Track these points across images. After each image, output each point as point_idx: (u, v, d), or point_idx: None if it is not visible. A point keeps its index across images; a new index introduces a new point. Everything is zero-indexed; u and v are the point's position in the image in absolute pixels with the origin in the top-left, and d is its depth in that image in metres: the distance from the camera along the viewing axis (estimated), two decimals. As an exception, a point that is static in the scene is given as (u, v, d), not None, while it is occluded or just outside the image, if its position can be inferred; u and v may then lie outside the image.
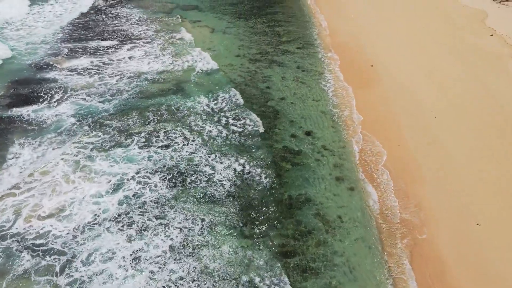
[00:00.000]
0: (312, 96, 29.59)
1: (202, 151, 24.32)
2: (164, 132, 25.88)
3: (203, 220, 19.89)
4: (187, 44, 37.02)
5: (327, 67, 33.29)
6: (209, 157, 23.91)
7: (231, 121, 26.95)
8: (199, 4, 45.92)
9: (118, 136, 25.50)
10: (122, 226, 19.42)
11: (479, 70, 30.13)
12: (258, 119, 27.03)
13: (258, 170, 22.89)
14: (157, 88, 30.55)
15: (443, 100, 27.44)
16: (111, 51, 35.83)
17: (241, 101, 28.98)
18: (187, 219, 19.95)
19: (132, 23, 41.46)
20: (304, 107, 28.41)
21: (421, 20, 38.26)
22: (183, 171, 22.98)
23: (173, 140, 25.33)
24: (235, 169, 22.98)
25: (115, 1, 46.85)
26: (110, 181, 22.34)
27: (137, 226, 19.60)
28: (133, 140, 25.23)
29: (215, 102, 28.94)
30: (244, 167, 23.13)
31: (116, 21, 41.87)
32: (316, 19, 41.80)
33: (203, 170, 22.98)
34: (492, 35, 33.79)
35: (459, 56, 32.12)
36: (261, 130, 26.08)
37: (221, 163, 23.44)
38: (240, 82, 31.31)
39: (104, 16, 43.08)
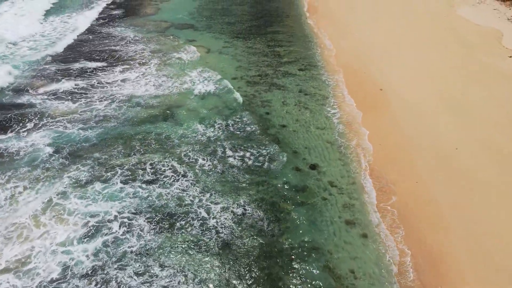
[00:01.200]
0: (316, 123, 26.85)
1: (194, 189, 21.40)
2: (151, 165, 23.02)
3: (193, 278, 16.82)
4: (179, 65, 34.48)
5: (332, 90, 30.65)
6: (203, 196, 20.93)
7: (228, 152, 24.11)
8: (195, 23, 43.62)
9: (98, 169, 22.62)
10: (95, 286, 16.33)
11: (502, 95, 27.49)
12: (257, 150, 24.23)
13: (258, 213, 19.93)
14: (147, 113, 27.83)
15: (463, 129, 24.68)
16: (102, 73, 33.23)
17: (238, 128, 26.23)
18: (175, 276, 16.89)
19: (126, 42, 39.02)
20: (308, 136, 25.64)
21: (431, 40, 35.86)
22: (172, 212, 20.02)
23: (161, 174, 22.44)
24: (232, 212, 19.97)
25: (107, 21, 44.55)
26: (86, 223, 19.37)
27: (114, 285, 16.53)
28: (115, 174, 22.34)
29: (210, 129, 26.16)
30: (242, 209, 20.14)
31: (107, 41, 39.46)
32: (319, 39, 39.45)
33: (196, 212, 20.00)
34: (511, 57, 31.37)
35: (477, 79, 29.53)
36: (261, 163, 23.25)
37: (216, 204, 20.47)
38: (236, 107, 28.58)
39: (95, 36, 40.71)
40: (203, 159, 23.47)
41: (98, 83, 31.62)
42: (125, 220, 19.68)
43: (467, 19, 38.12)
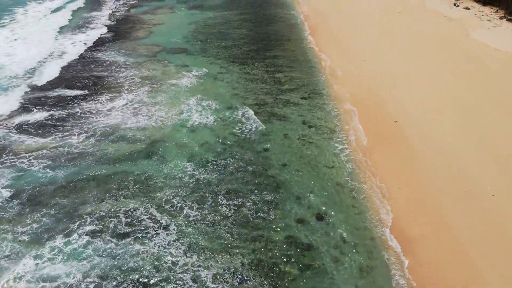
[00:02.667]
0: (323, 161, 23.17)
1: (178, 246, 17.50)
2: (126, 213, 19.21)
3: None
4: (169, 93, 31.06)
5: (340, 122, 27.10)
6: (188, 257, 17.01)
7: (219, 199, 20.30)
8: (188, 47, 40.53)
9: (62, 218, 18.82)
10: None
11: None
12: (254, 196, 20.46)
13: (255, 280, 15.99)
14: (130, 149, 24.20)
15: (499, 171, 20.95)
16: (84, 102, 29.76)
17: (232, 169, 22.54)
18: None
19: (114, 68, 35.78)
20: (314, 177, 21.92)
21: (449, 66, 32.58)
22: (148, 278, 16.10)
23: (137, 225, 18.61)
24: (224, 280, 16.04)
25: (95, 44, 41.46)
26: (38, 294, 15.47)
27: None
28: (82, 224, 18.52)
29: (200, 170, 22.44)
30: (237, 277, 16.20)
31: (93, 66, 36.24)
32: (322, 64, 36.23)
33: (180, 280, 16.05)
34: (538, 85, 28.01)
35: (508, 110, 26.00)
36: (258, 213, 19.43)
37: (205, 268, 16.52)
38: (231, 142, 24.99)
39: (80, 60, 37.52)
40: (190, 207, 19.63)
41: (78, 113, 28.12)
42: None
43: (486, 44, 34.99)
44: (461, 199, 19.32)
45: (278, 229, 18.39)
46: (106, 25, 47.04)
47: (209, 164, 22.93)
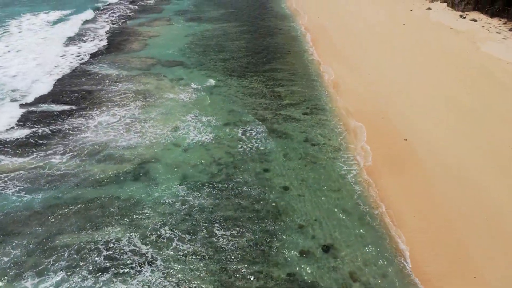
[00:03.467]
0: (328, 184, 21.10)
1: (165, 286, 15.33)
2: (107, 244, 17.07)
3: None
4: (161, 108, 29.15)
5: (345, 140, 25.11)
6: (173, 298, 14.88)
7: (213, 227, 18.18)
8: (184, 60, 38.77)
9: (35, 252, 16.67)
10: None
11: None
12: (252, 225, 18.35)
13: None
14: (117, 170, 22.18)
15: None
16: (71, 118, 27.85)
17: (229, 193, 20.47)
18: None
19: (106, 81, 33.97)
20: (318, 202, 19.83)
21: (459, 79, 30.71)
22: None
23: (118, 259, 16.45)
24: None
25: (88, 57, 39.72)
26: None
27: None
28: (58, 260, 16.37)
29: (193, 194, 20.36)
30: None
31: (84, 79, 34.41)
32: (325, 78, 34.42)
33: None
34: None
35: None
36: (256, 244, 17.30)
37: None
38: (227, 162, 22.97)
39: (70, 73, 35.72)
40: (180, 239, 17.48)
41: (64, 130, 26.17)
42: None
43: (497, 57, 33.21)
44: (485, 229, 17.19)
45: (279, 264, 16.24)
46: (100, 37, 45.41)
47: (204, 187, 20.85)
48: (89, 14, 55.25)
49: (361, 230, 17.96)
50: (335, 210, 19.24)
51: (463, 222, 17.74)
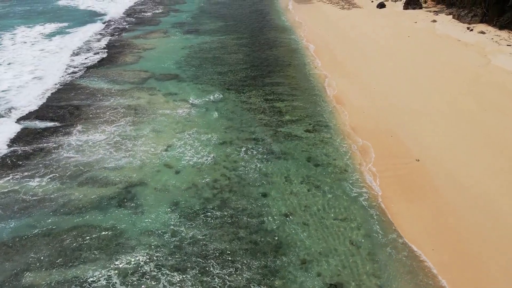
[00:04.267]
0: (334, 210, 18.96)
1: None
2: (80, 286, 14.84)
3: None
4: (152, 124, 27.15)
5: (351, 160, 23.02)
6: None
7: (206, 265, 15.96)
8: (180, 73, 36.91)
9: (-1, 296, 14.49)
10: None
11: None
12: (248, 260, 16.15)
13: None
14: (99, 195, 20.06)
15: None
16: (55, 136, 25.85)
17: (224, 221, 18.30)
18: None
19: (96, 96, 32.04)
20: (323, 232, 17.66)
21: (472, 95, 28.72)
22: None
23: (96, 303, 14.24)
24: None
25: (77, 70, 37.89)
26: None
27: None
28: (23, 304, 14.15)
29: (184, 223, 18.21)
30: None
31: (72, 93, 32.44)
32: (328, 92, 32.50)
33: None
34: None
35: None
36: (256, 284, 15.08)
37: None
38: (222, 186, 20.85)
39: (57, 87, 33.80)
40: (168, 280, 15.27)
41: (46, 149, 24.10)
42: None
43: (510, 71, 31.30)
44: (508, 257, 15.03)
45: (280, 310, 14.04)
46: (93, 50, 43.64)
47: (196, 215, 18.69)
48: (85, 27, 53.65)
49: (372, 268, 15.75)
50: (343, 242, 17.06)
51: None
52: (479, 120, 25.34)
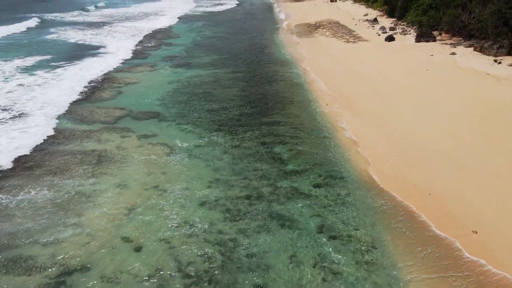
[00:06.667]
0: (365, 321, 12.49)
1: None
2: None
3: None
4: (116, 180, 21.00)
5: (376, 230, 16.68)
6: None
7: None
8: (162, 111, 31.11)
9: None
10: None
11: None
12: None
13: None
14: (32, 284, 13.64)
15: None
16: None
17: None
18: None
19: (55, 139, 26.19)
20: None
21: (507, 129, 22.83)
22: None
23: None
24: None
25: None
26: None
27: None
28: None
29: None
30: None
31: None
32: (339, 135, 26.62)
33: None
34: None
35: None
36: None
37: None
38: (200, 272, 14.43)
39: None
40: None
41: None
42: None
43: None
44: None
45: None
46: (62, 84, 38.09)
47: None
48: (65, 58, 48.53)
49: None
50: None
51: None
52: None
